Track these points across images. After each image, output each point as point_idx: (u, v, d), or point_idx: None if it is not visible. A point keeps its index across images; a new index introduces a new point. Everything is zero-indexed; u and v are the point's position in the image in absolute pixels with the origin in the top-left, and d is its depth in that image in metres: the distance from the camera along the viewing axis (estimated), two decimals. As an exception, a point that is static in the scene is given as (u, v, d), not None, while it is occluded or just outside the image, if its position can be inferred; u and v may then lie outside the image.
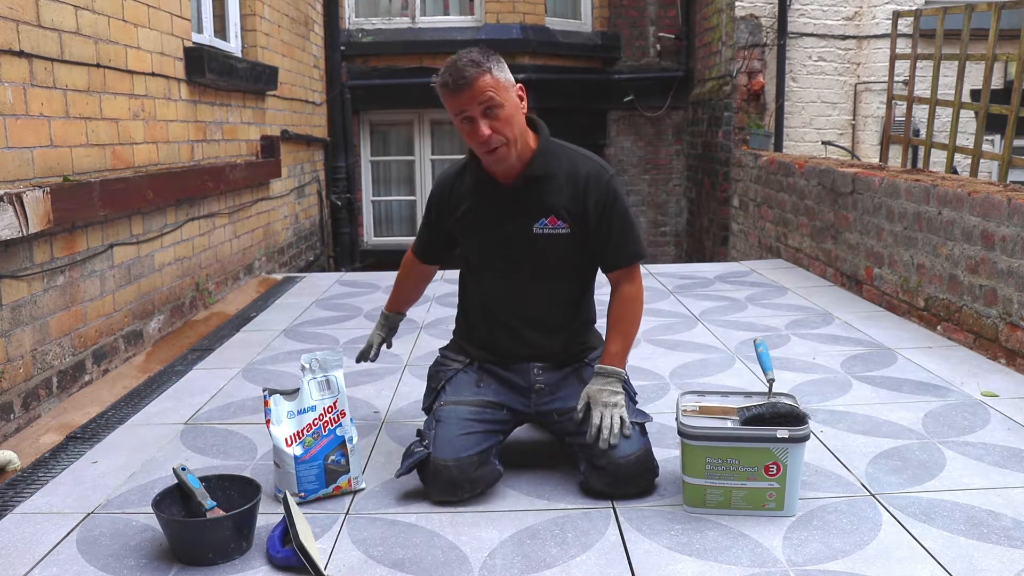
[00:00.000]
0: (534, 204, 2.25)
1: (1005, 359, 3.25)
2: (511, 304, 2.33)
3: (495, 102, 2.12)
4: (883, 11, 6.70)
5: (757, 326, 3.90)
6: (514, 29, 7.65)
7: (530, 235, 2.25)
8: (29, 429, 2.75)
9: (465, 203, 2.33)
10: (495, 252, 2.31)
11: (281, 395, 2.21)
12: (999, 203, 3.29)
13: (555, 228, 2.24)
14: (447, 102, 2.16)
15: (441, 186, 2.42)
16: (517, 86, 2.21)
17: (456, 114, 2.16)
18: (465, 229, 2.36)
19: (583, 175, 2.24)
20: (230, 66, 4.65)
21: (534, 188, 2.24)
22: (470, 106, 2.12)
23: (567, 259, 2.29)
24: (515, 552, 1.94)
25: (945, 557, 1.89)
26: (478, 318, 2.41)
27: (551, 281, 2.32)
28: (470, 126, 2.14)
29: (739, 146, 6.72)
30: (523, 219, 2.25)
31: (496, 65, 2.15)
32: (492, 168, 2.24)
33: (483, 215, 2.30)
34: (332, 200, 7.39)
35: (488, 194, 2.29)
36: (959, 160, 6.56)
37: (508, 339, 2.34)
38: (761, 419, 2.05)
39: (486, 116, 2.13)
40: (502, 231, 2.28)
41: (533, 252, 2.27)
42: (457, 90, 2.11)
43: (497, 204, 2.28)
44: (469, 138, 2.17)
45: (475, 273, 2.41)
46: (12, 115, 2.73)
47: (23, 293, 2.77)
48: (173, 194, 3.88)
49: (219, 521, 1.93)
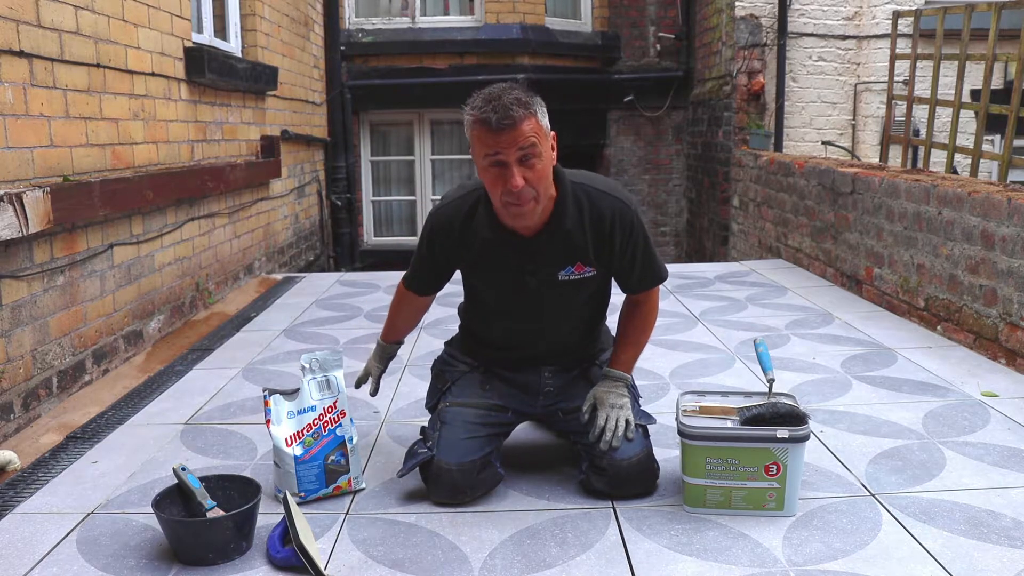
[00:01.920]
0: (558, 253, 2.11)
1: (1005, 359, 3.25)
2: (526, 335, 2.26)
3: (535, 151, 1.93)
4: (883, 11, 6.69)
5: (757, 326, 3.90)
6: (514, 29, 7.65)
7: (555, 282, 2.13)
8: (29, 429, 2.75)
9: (476, 247, 2.14)
10: (514, 296, 2.18)
11: (281, 395, 2.21)
12: (999, 203, 3.29)
13: (581, 274, 2.14)
14: (480, 140, 1.95)
15: (447, 225, 2.17)
16: (552, 135, 2.02)
17: (487, 155, 1.94)
18: (478, 274, 2.21)
19: (608, 217, 2.09)
20: (230, 66, 4.65)
21: (558, 238, 2.09)
22: (508, 150, 1.91)
23: (591, 296, 2.23)
24: (515, 552, 1.94)
25: (945, 557, 1.89)
26: (488, 337, 2.33)
27: (572, 315, 2.25)
28: (500, 171, 1.94)
29: (739, 146, 6.72)
30: (547, 269, 2.12)
31: (540, 109, 1.97)
32: (508, 221, 2.06)
33: (500, 263, 2.14)
34: (332, 200, 7.39)
35: (506, 244, 2.10)
36: (959, 160, 6.56)
37: (521, 356, 2.29)
38: (761, 419, 2.05)
39: (521, 164, 1.93)
40: (523, 280, 2.14)
41: (556, 296, 2.17)
42: (499, 130, 1.90)
43: (517, 254, 2.11)
44: (495, 184, 1.97)
45: (486, 305, 2.28)
46: (12, 115, 2.73)
47: (23, 293, 2.77)
48: (173, 194, 3.88)
49: (219, 521, 1.93)
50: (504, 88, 1.95)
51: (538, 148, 1.94)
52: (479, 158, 1.98)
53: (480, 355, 2.35)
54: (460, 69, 7.67)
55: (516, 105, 1.91)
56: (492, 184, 1.98)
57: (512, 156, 1.92)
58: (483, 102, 1.93)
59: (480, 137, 1.95)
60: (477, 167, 2.02)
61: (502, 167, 1.94)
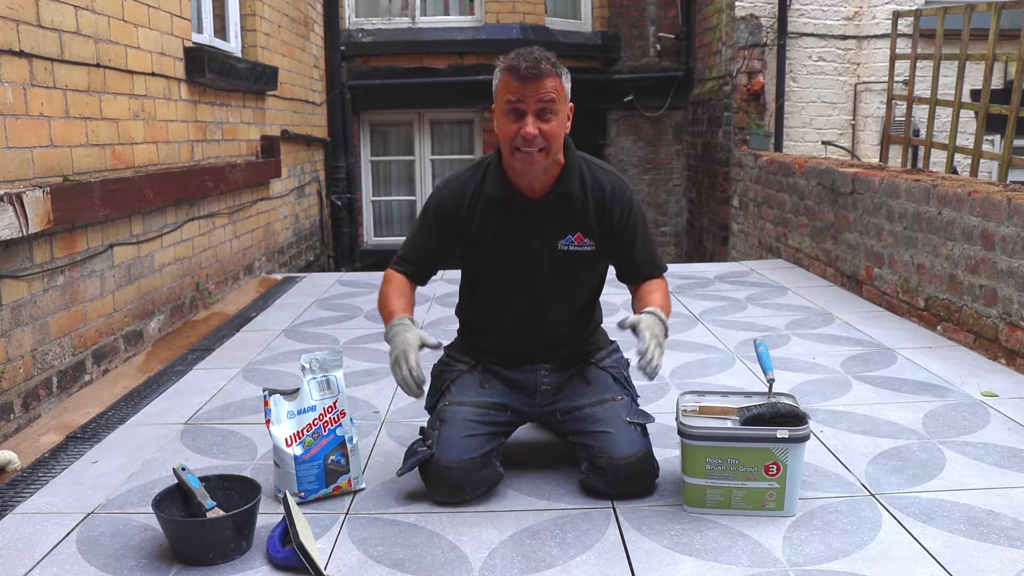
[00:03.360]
0: (561, 220, 2.19)
1: (1005, 359, 3.25)
2: (525, 317, 2.28)
3: (553, 107, 2.05)
4: (883, 11, 6.69)
5: (757, 326, 3.90)
6: (514, 29, 7.65)
7: (555, 252, 2.20)
8: (29, 429, 2.75)
9: (482, 217, 2.21)
10: (515, 268, 2.23)
11: (281, 395, 2.21)
12: (999, 203, 3.29)
13: (580, 246, 2.20)
14: (505, 86, 2.05)
15: (455, 196, 2.23)
16: (570, 104, 2.13)
17: (508, 101, 2.05)
18: (481, 244, 2.24)
19: (608, 189, 2.20)
20: (230, 66, 4.65)
21: (562, 204, 2.18)
22: (528, 99, 2.03)
23: (586, 273, 2.27)
24: (515, 552, 1.94)
25: (945, 557, 1.89)
26: (487, 327, 2.34)
27: (568, 294, 2.28)
28: (516, 119, 2.05)
29: (739, 146, 6.72)
30: (548, 235, 2.19)
31: (565, 74, 2.09)
32: (516, 171, 2.14)
33: (505, 230, 2.20)
34: (332, 200, 7.40)
35: (512, 208, 2.19)
36: (959, 160, 6.56)
37: (519, 347, 2.31)
38: (761, 419, 2.05)
39: (538, 116, 2.04)
40: (525, 247, 2.20)
41: (555, 268, 2.22)
42: (526, 79, 2.01)
43: (522, 219, 2.19)
44: (508, 130, 2.07)
45: (487, 285, 2.31)
46: (12, 115, 2.73)
47: (23, 293, 2.77)
48: (173, 194, 3.88)
49: (219, 521, 1.93)
50: (536, 48, 2.08)
51: (556, 105, 2.05)
52: (500, 103, 2.08)
53: (478, 353, 2.35)
54: (460, 69, 7.67)
55: (545, 61, 2.03)
56: (506, 129, 2.07)
57: (531, 107, 2.03)
58: (515, 54, 2.05)
59: (506, 83, 2.05)
60: (496, 116, 2.12)
61: (519, 115, 2.04)
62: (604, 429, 2.18)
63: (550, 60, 2.04)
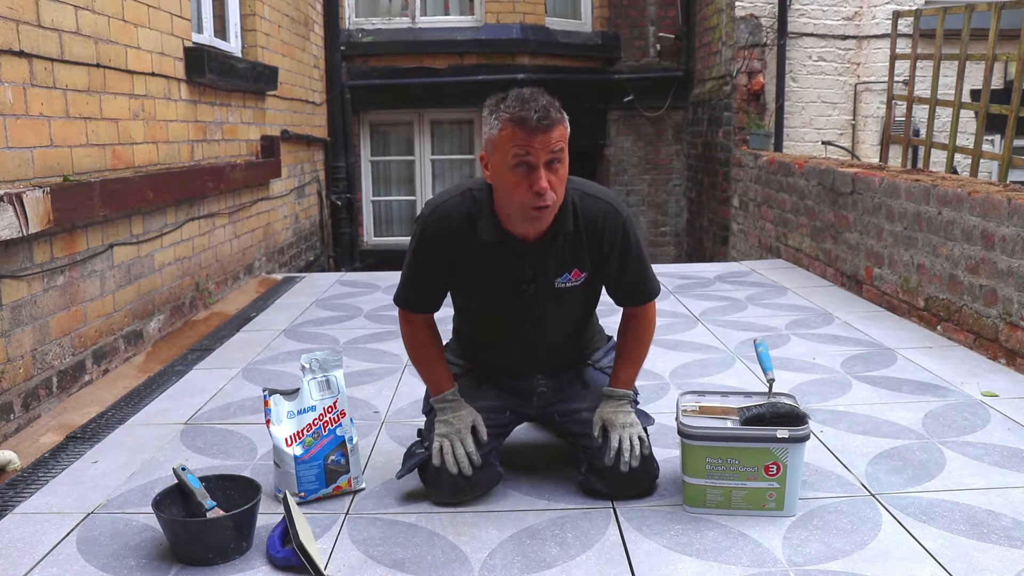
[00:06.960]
0: (557, 259, 2.08)
1: (1005, 359, 3.25)
2: (520, 340, 2.22)
3: (562, 156, 1.92)
4: (883, 11, 6.69)
5: (757, 326, 3.90)
6: (514, 29, 7.66)
7: (552, 291, 2.12)
8: (29, 429, 2.75)
9: (474, 255, 2.08)
10: (509, 307, 2.14)
11: (281, 395, 2.21)
12: (999, 203, 3.29)
13: (577, 281, 2.12)
14: (512, 139, 1.89)
15: (447, 231, 2.07)
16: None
17: (517, 155, 1.90)
18: (475, 282, 2.13)
19: (600, 218, 2.08)
20: (230, 66, 4.65)
21: (557, 243, 2.07)
22: (539, 152, 1.89)
23: (583, 298, 2.21)
24: (515, 552, 1.94)
25: (945, 557, 1.89)
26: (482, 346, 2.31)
27: (564, 318, 2.23)
28: (527, 173, 1.90)
29: (739, 146, 6.72)
30: (546, 276, 2.10)
31: (566, 119, 1.96)
32: (520, 225, 2.02)
33: (500, 273, 2.09)
34: (332, 200, 7.40)
35: (507, 249, 2.06)
36: (959, 160, 6.56)
37: (515, 364, 2.28)
38: (761, 419, 2.05)
39: (548, 167, 1.90)
40: (519, 288, 2.10)
41: (552, 304, 2.15)
42: (537, 130, 1.87)
43: (517, 261, 2.08)
44: (518, 185, 1.92)
45: (481, 318, 2.25)
46: (12, 115, 2.73)
47: (23, 293, 2.77)
48: (173, 194, 3.88)
49: (219, 521, 1.93)
50: (535, 91, 1.93)
51: (564, 155, 1.94)
52: (504, 157, 1.92)
53: (473, 359, 2.34)
54: (460, 69, 7.67)
55: (552, 108, 1.90)
56: (514, 185, 1.92)
57: (542, 158, 1.90)
58: (518, 102, 1.90)
59: (512, 136, 1.89)
60: (496, 167, 1.96)
61: (529, 169, 1.90)
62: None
63: (555, 106, 1.92)
